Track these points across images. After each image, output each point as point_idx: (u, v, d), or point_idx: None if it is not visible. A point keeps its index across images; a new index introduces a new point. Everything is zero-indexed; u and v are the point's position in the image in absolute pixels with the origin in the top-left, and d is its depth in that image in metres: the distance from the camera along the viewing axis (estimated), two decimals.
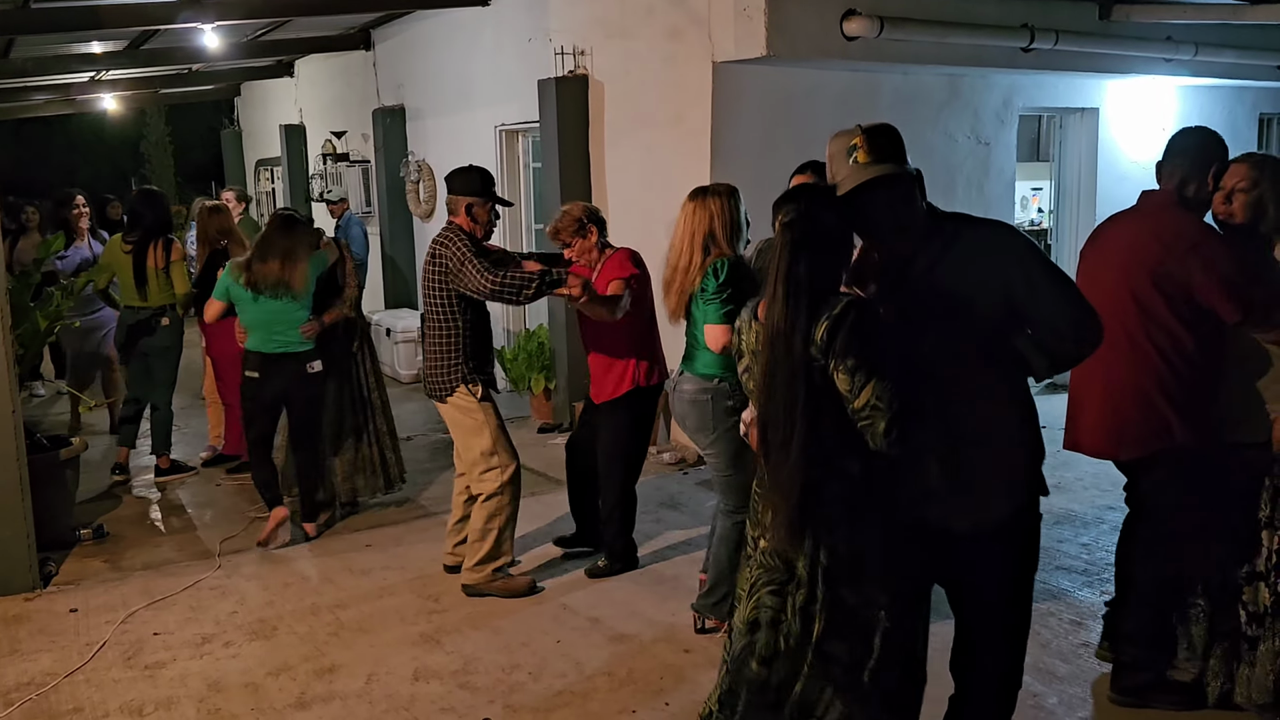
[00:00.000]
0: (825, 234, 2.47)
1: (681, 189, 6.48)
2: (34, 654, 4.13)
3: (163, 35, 9.30)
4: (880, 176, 2.49)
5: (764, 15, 5.70)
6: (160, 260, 6.13)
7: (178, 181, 21.16)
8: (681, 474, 6.33)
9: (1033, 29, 6.45)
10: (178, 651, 4.13)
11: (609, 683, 3.80)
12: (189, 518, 5.81)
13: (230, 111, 16.01)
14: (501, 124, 8.38)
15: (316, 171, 11.76)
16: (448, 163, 9.34)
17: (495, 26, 8.23)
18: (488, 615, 4.40)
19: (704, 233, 3.97)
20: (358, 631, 4.28)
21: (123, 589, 4.78)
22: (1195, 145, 3.47)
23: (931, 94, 7.20)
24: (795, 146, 6.40)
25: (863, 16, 5.88)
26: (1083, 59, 7.04)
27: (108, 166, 21.58)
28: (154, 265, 6.11)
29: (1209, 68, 7.69)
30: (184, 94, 14.88)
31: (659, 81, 6.60)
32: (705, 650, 4.02)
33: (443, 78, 9.14)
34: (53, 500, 5.16)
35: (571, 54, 7.22)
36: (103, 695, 3.80)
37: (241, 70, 12.96)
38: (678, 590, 4.58)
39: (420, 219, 9.82)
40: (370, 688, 3.81)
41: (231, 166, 15.73)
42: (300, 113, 12.55)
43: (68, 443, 5.43)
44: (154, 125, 20.95)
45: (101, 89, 12.79)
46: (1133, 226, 3.46)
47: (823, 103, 6.66)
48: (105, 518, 5.72)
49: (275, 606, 4.54)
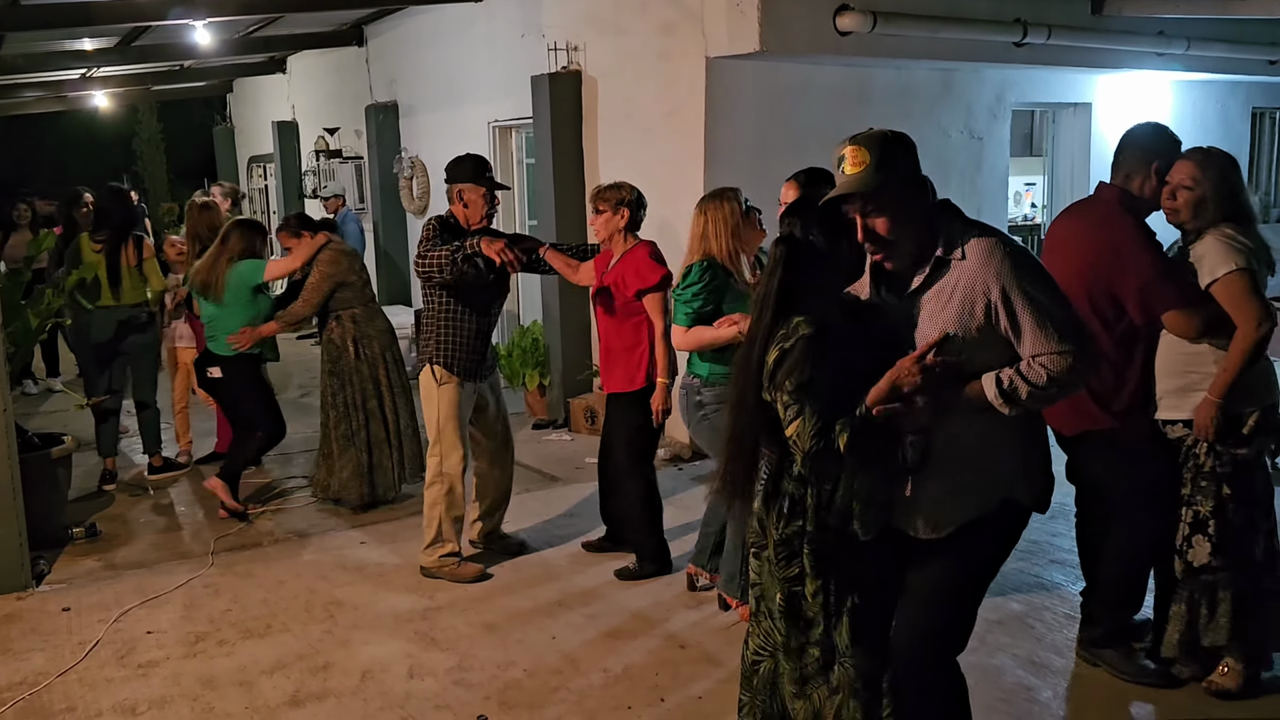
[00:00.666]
0: (804, 251, 2.52)
1: (675, 184, 6.54)
2: (26, 653, 4.12)
3: (154, 31, 9.27)
4: (860, 191, 2.46)
5: (757, 10, 5.69)
6: (132, 258, 6.11)
7: (170, 178, 21.09)
8: (676, 469, 6.33)
9: (1025, 24, 6.45)
10: (171, 650, 4.12)
11: (604, 679, 3.80)
12: (181, 516, 5.79)
13: (223, 108, 15.96)
14: (495, 120, 8.37)
15: (309, 168, 11.73)
16: (441, 159, 9.33)
17: (488, 22, 8.22)
18: (483, 612, 4.39)
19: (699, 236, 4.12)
20: (352, 629, 4.27)
21: (116, 587, 4.76)
22: (1139, 141, 3.56)
23: (925, 89, 7.20)
24: (788, 141, 6.43)
25: (856, 11, 5.88)
26: (1075, 54, 7.05)
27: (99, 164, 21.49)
28: (126, 264, 6.09)
29: (1201, 62, 7.70)
30: (176, 90, 14.84)
31: (652, 77, 6.59)
32: (700, 646, 4.02)
33: (436, 73, 9.13)
34: (45, 499, 5.14)
35: (565, 49, 7.20)
36: (96, 694, 3.79)
37: (234, 67, 12.94)
38: (673, 586, 4.58)
39: (414, 215, 9.81)
40: (365, 685, 3.80)
41: (224, 163, 15.69)
42: (293, 109, 12.52)
43: (60, 441, 5.41)
44: (146, 122, 20.86)
45: (93, 86, 12.75)
46: (1075, 221, 3.60)
47: (816, 98, 6.66)
48: (97, 516, 5.70)
49: (269, 604, 4.53)
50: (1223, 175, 3.31)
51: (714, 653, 3.96)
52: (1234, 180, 3.34)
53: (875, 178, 2.46)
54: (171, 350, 6.74)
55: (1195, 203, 3.32)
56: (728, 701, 3.60)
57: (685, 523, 5.37)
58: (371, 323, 5.69)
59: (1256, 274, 3.24)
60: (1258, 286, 3.24)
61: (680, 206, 6.55)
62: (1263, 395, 3.34)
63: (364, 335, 5.62)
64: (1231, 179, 3.33)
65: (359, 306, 5.67)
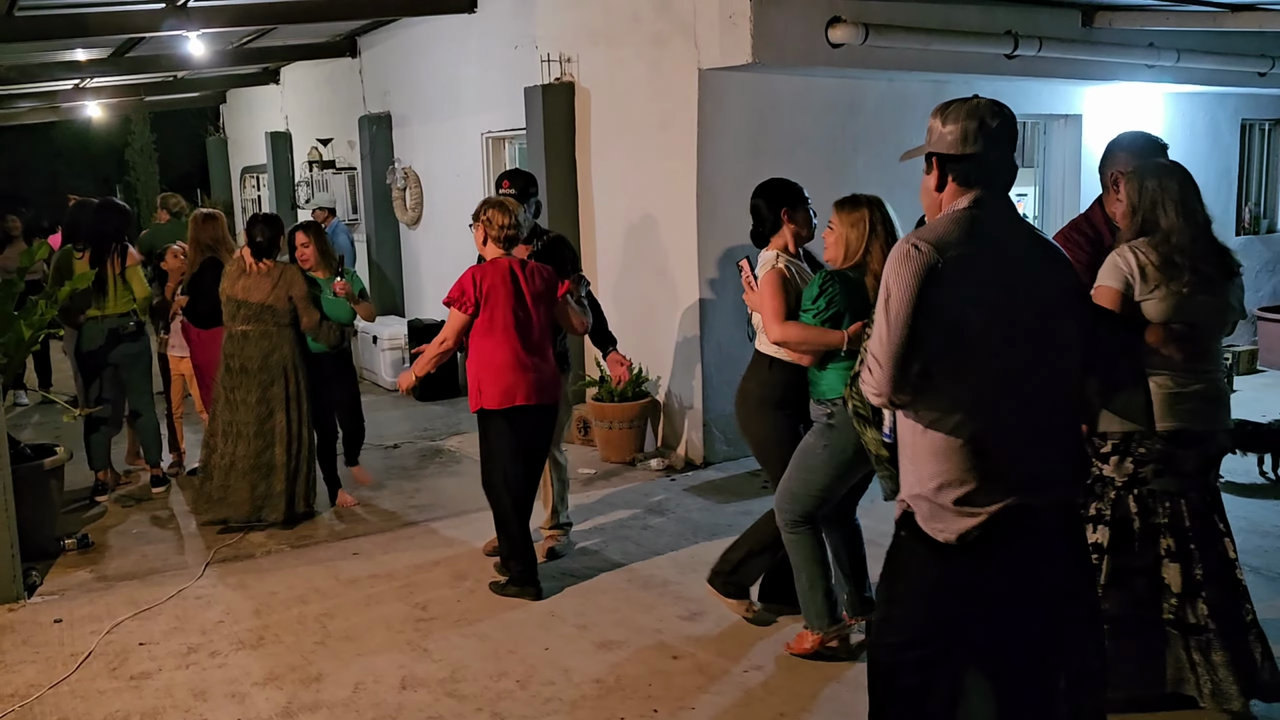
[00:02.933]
0: None
1: (667, 195, 6.57)
2: (18, 665, 4.10)
3: (148, 43, 9.28)
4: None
5: (749, 23, 5.72)
6: (117, 266, 6.10)
7: (162, 189, 21.08)
8: (669, 480, 6.33)
9: (1016, 36, 6.49)
10: (163, 661, 4.11)
11: (597, 690, 3.79)
12: (174, 527, 5.77)
13: (216, 119, 15.97)
14: (488, 131, 8.38)
15: (303, 179, 11.74)
16: (434, 170, 9.44)
17: (481, 34, 8.24)
18: (475, 623, 4.39)
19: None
20: (345, 640, 4.26)
21: (108, 599, 4.75)
22: (1106, 152, 3.70)
23: (916, 100, 7.23)
24: (780, 153, 6.46)
25: (848, 23, 5.91)
26: (1066, 65, 7.09)
27: (91, 174, 21.48)
28: (112, 272, 6.09)
29: (1191, 74, 7.75)
30: (169, 101, 14.87)
31: (645, 88, 6.61)
32: (693, 657, 4.02)
33: (429, 85, 9.14)
34: (36, 510, 5.12)
35: (558, 61, 7.23)
36: (88, 706, 3.77)
37: (227, 77, 12.95)
38: (665, 597, 4.58)
39: (407, 226, 9.82)
40: (357, 697, 3.79)
41: (216, 174, 15.70)
42: (286, 120, 12.53)
43: (52, 452, 5.40)
44: (139, 132, 20.85)
45: (86, 96, 12.76)
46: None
47: (808, 109, 6.69)
48: (89, 527, 5.68)
49: (262, 616, 4.52)
50: (1140, 190, 3.25)
51: (707, 664, 3.96)
52: (1155, 194, 3.22)
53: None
54: (164, 358, 6.75)
55: (1123, 214, 3.34)
56: (720, 713, 3.61)
57: (679, 533, 5.38)
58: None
59: (1126, 295, 3.17)
60: (1126, 306, 3.18)
61: (672, 216, 6.58)
62: (1126, 421, 3.23)
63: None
64: (1152, 193, 3.22)
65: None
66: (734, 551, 4.24)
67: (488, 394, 4.49)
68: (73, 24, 7.76)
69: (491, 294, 4.46)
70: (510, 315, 4.47)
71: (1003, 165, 2.50)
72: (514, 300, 4.48)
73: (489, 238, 4.53)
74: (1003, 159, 2.49)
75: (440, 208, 9.24)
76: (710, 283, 6.44)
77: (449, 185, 9.02)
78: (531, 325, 4.52)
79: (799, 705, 3.65)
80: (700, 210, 6.36)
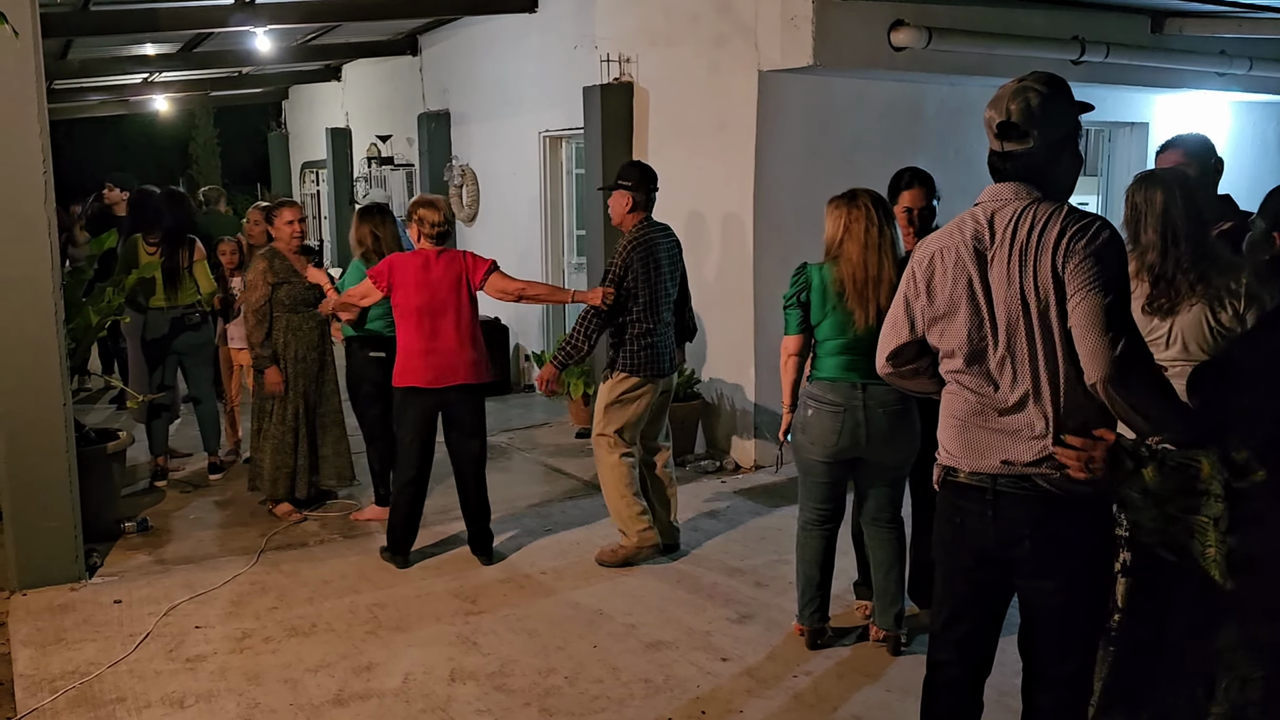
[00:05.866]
0: None
1: (724, 196, 6.55)
2: (79, 643, 4.20)
3: (215, 38, 9.46)
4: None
5: (811, 25, 5.69)
6: (186, 259, 6.24)
7: (224, 183, 21.50)
8: (720, 482, 6.31)
9: (1083, 41, 6.38)
10: (218, 645, 4.18)
11: (645, 689, 3.79)
12: (229, 513, 5.87)
13: (277, 114, 16.22)
14: (545, 130, 8.42)
15: (361, 175, 11.88)
16: (491, 167, 9.51)
17: (541, 33, 8.28)
18: (524, 618, 4.41)
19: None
20: (395, 630, 4.31)
21: (165, 582, 4.84)
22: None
23: (978, 106, 7.05)
24: (839, 156, 6.42)
25: (911, 27, 5.85)
26: (1133, 72, 6.96)
27: (155, 167, 21.94)
28: (183, 265, 6.23)
29: (1263, 83, 7.57)
30: (233, 96, 15.11)
31: (704, 89, 6.60)
32: (742, 659, 4.00)
33: (488, 83, 9.21)
34: (99, 492, 5.24)
35: (617, 61, 7.24)
36: (145, 686, 3.85)
37: (290, 74, 13.15)
38: (714, 599, 4.57)
39: (463, 223, 9.89)
40: (407, 687, 3.83)
41: (277, 169, 15.94)
42: (346, 116, 12.69)
43: (115, 436, 5.52)
44: (202, 127, 21.30)
45: (154, 90, 13.03)
46: None
47: (868, 112, 6.64)
48: (148, 511, 5.80)
49: (314, 603, 4.58)
50: (1128, 202, 3.18)
51: (756, 667, 3.94)
52: (1141, 208, 3.11)
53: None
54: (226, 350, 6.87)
55: (1125, 225, 3.20)
56: (768, 716, 3.59)
57: (730, 534, 5.36)
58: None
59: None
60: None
61: (728, 217, 6.56)
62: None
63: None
64: (1137, 207, 3.12)
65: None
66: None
67: (396, 372, 4.93)
68: (145, 18, 7.94)
69: (403, 282, 4.84)
70: (419, 301, 4.82)
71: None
72: (424, 289, 4.82)
73: (421, 234, 4.90)
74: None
75: (496, 205, 9.30)
76: (764, 285, 6.40)
77: (506, 183, 9.08)
78: (445, 312, 4.84)
79: (849, 712, 3.62)
80: (757, 212, 6.34)
